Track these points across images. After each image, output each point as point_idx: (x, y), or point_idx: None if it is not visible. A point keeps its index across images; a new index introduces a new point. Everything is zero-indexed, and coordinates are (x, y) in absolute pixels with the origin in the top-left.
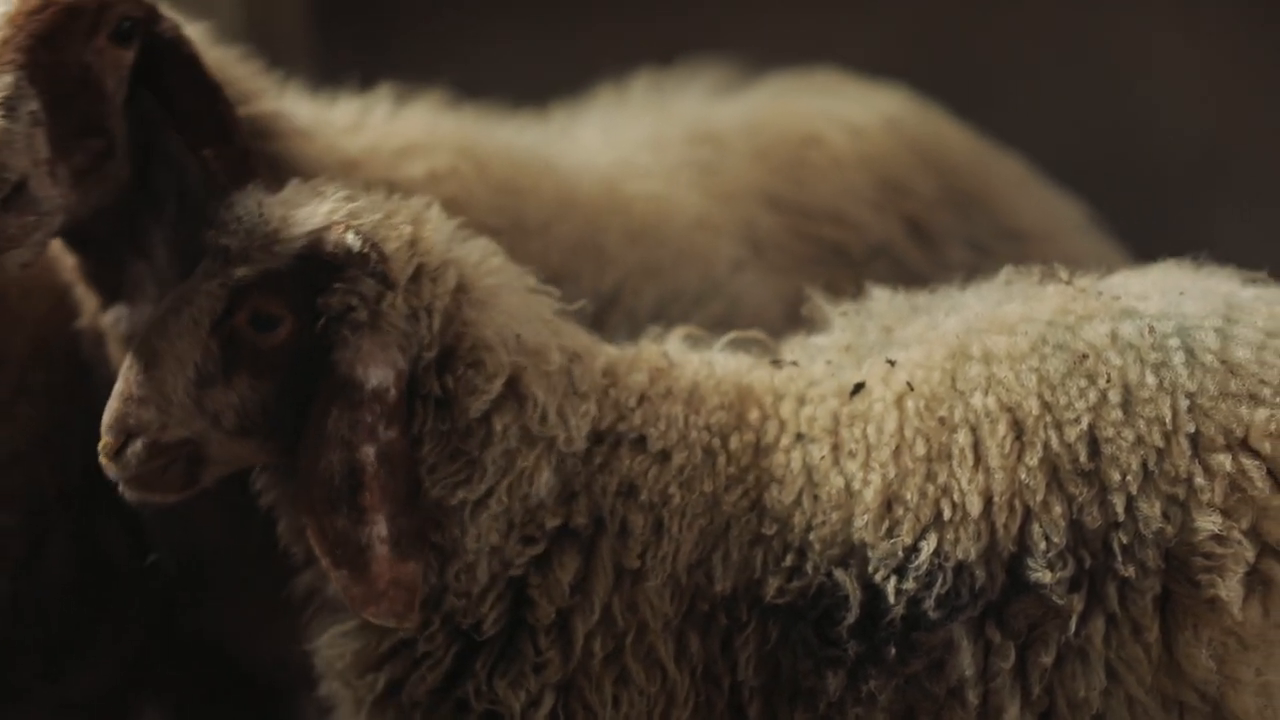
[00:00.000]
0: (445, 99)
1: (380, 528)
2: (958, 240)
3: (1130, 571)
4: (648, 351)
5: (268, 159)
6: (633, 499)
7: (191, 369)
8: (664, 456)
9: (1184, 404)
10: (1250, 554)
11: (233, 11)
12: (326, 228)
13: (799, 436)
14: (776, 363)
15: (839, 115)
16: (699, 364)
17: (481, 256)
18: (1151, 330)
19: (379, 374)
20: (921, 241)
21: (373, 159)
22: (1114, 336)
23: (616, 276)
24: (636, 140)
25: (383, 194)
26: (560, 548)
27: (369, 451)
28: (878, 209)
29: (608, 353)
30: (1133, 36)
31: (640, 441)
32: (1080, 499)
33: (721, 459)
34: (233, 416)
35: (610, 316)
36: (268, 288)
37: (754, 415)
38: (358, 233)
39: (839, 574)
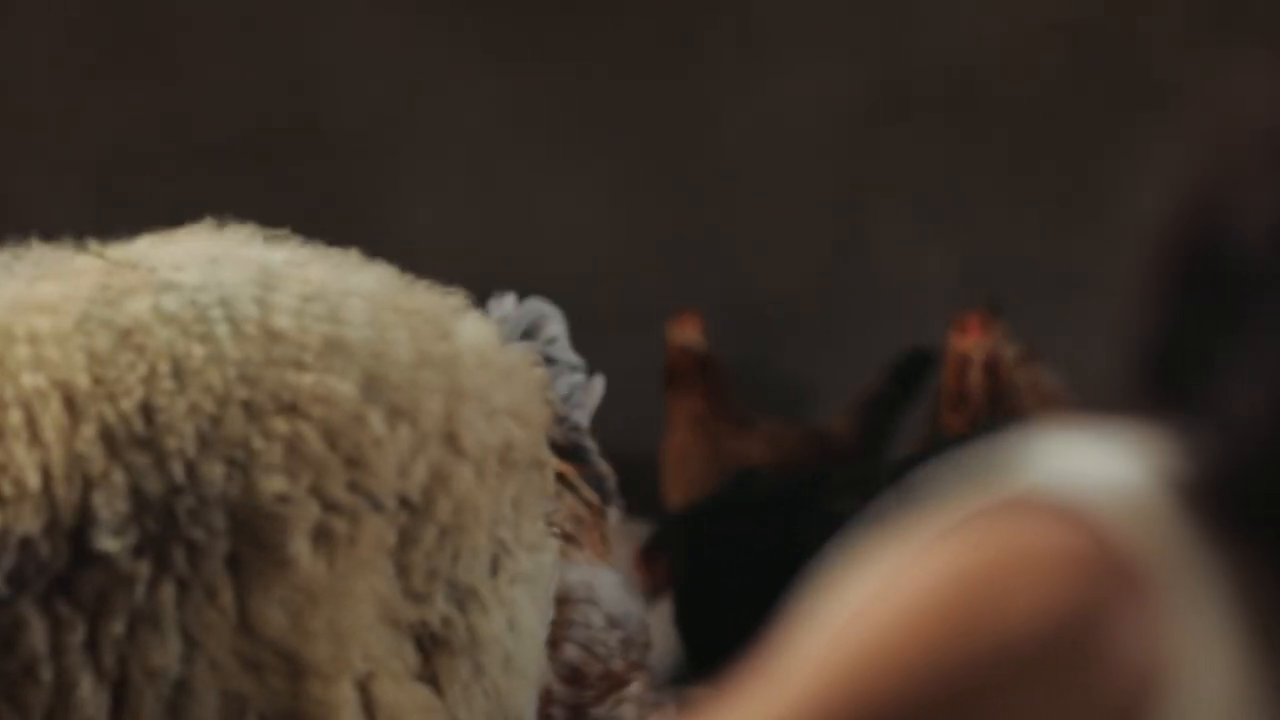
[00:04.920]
0: None
1: None
2: None
3: (198, 535)
4: None
5: None
6: None
7: None
8: None
9: (233, 373)
10: (315, 511)
11: None
12: None
13: None
14: None
15: None
16: None
17: None
18: (194, 303)
19: None
20: None
21: None
22: (157, 310)
23: None
24: None
25: None
26: None
27: None
28: None
29: None
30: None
31: None
32: (140, 466)
33: None
34: None
35: None
36: None
37: None
38: None
39: None
